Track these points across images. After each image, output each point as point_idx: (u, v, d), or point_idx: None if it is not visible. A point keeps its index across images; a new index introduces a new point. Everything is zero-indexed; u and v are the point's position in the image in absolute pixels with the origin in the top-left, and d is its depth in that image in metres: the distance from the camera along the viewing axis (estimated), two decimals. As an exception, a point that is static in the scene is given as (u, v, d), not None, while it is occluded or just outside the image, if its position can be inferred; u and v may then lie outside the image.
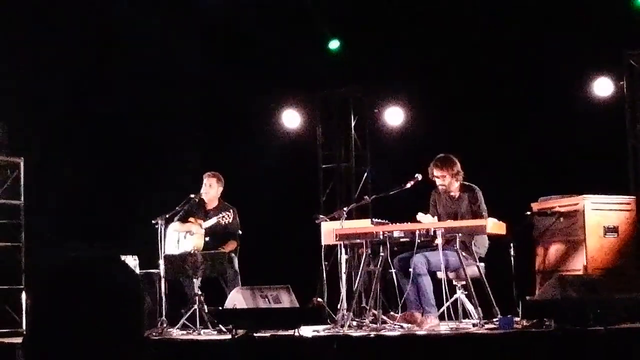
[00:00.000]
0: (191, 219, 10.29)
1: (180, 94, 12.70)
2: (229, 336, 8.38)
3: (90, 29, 11.90)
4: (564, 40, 10.80)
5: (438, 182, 9.22)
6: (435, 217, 9.27)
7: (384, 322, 8.76)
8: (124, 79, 11.98)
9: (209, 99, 13.00)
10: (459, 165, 9.23)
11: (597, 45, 10.65)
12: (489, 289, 8.67)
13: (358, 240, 9.11)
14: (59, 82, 11.63)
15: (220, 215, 9.96)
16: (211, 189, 10.45)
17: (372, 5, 12.11)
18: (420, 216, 9.12)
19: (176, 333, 9.20)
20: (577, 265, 9.45)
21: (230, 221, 9.97)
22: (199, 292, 9.42)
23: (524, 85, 11.16)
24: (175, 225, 10.27)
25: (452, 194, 9.33)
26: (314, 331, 8.52)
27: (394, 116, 12.60)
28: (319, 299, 10.02)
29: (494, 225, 8.80)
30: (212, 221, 10.07)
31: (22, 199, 11.52)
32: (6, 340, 9.71)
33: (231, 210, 10.05)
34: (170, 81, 12.39)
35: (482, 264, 8.96)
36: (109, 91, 12.04)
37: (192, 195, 10.21)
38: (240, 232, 10.34)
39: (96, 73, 12.04)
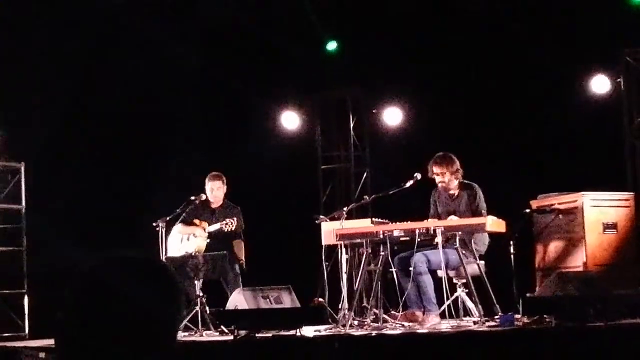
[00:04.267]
0: (196, 221, 10.30)
1: (180, 95, 12.72)
2: (230, 337, 8.41)
3: (89, 32, 11.91)
4: (562, 38, 10.83)
5: (437, 179, 9.26)
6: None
7: (385, 321, 8.79)
8: (123, 82, 12.00)
9: (208, 100, 13.01)
10: (458, 163, 9.27)
11: (595, 42, 10.68)
12: (489, 286, 8.70)
13: (358, 240, 9.14)
14: (58, 85, 11.64)
15: (225, 222, 9.96)
16: (219, 191, 10.43)
17: (369, 6, 12.13)
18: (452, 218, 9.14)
19: (178, 335, 9.20)
20: (577, 261, 9.48)
21: (234, 228, 9.98)
22: (201, 294, 9.45)
23: (522, 83, 11.18)
24: (178, 227, 10.29)
25: (451, 192, 9.37)
26: (315, 331, 8.55)
27: (392, 116, 12.63)
28: (320, 299, 10.05)
29: (494, 223, 8.82)
30: (215, 226, 10.08)
31: (24, 203, 11.55)
32: (9, 344, 9.75)
33: (234, 218, 10.02)
34: (170, 83, 12.41)
35: (482, 262, 8.99)
36: (108, 95, 12.05)
37: (193, 198, 10.22)
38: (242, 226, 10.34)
39: (96, 76, 12.06)
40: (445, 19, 11.63)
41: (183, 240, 10.32)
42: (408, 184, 9.34)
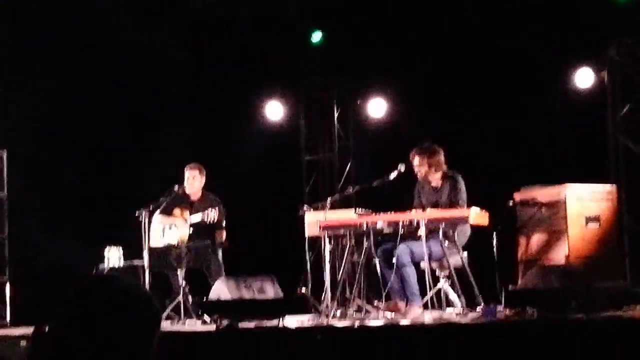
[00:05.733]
0: (176, 211, 10.28)
1: (164, 86, 12.68)
2: (213, 327, 8.41)
3: (75, 24, 11.87)
4: (546, 31, 10.85)
5: (415, 169, 9.29)
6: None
7: (368, 312, 8.82)
8: (107, 72, 11.96)
9: (192, 91, 12.99)
10: (440, 156, 9.29)
11: (578, 35, 10.71)
12: (472, 278, 8.72)
13: (342, 231, 9.15)
14: (43, 74, 11.60)
15: (206, 213, 9.94)
16: (195, 181, 10.42)
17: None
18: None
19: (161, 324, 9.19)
20: (559, 254, 9.50)
21: (215, 220, 9.97)
22: (184, 284, 9.45)
23: (506, 75, 11.19)
24: (159, 218, 10.25)
25: (433, 184, 9.39)
26: (298, 321, 8.56)
27: (377, 107, 12.63)
28: (303, 290, 10.05)
29: (477, 216, 8.84)
30: (197, 217, 10.06)
31: (6, 190, 11.50)
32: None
33: (216, 207, 10.01)
34: (154, 74, 12.37)
35: (465, 254, 9.01)
36: (93, 85, 12.02)
37: (176, 187, 10.19)
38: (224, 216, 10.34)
39: (81, 66, 12.00)
40: (430, 11, 11.62)
41: (165, 230, 10.29)
42: (392, 176, 9.35)
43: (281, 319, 8.27)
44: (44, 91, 11.70)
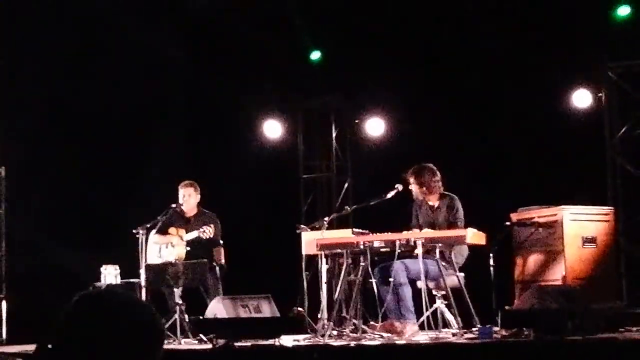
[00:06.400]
0: (171, 230, 10.28)
1: (162, 103, 12.71)
2: (209, 346, 8.40)
3: (71, 34, 11.87)
4: (545, 52, 10.88)
5: (410, 187, 9.35)
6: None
7: (364, 331, 8.80)
8: (105, 86, 11.97)
9: (190, 108, 13.01)
10: (434, 176, 9.31)
11: (577, 57, 10.74)
12: (468, 298, 8.71)
13: (339, 250, 9.15)
14: (39, 89, 11.61)
15: (202, 230, 9.95)
16: (190, 199, 10.44)
17: (353, 16, 12.15)
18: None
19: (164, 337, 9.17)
20: (556, 275, 9.50)
21: (212, 237, 9.98)
22: (180, 302, 9.44)
23: (505, 96, 11.22)
24: (154, 238, 10.26)
25: (430, 203, 9.41)
26: (294, 340, 8.55)
27: (375, 127, 12.64)
28: (300, 309, 10.04)
29: (474, 235, 8.85)
30: (193, 234, 10.07)
31: (3, 207, 11.49)
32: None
33: (212, 225, 10.02)
34: (152, 90, 12.39)
35: (462, 274, 9.01)
36: (90, 98, 12.01)
37: (174, 205, 10.21)
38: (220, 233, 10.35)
39: (77, 82, 12.01)
40: (429, 31, 11.66)
41: (162, 249, 10.30)
42: (389, 195, 9.37)
43: (277, 338, 8.27)
44: (41, 105, 11.70)
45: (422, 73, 11.77)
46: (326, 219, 9.64)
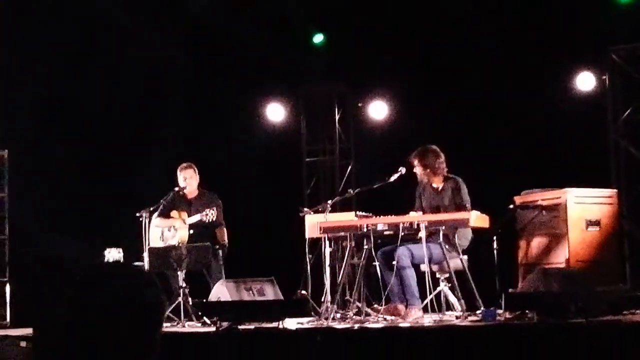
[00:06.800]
0: (173, 213, 10.28)
1: (164, 87, 12.69)
2: (213, 328, 8.41)
3: (73, 23, 11.86)
4: (548, 35, 10.86)
5: (415, 170, 9.34)
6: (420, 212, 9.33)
7: (368, 314, 8.81)
8: (107, 72, 11.96)
9: (193, 92, 12.99)
10: (439, 158, 9.28)
11: (580, 40, 10.72)
12: (472, 281, 8.72)
13: (342, 233, 9.15)
14: (43, 74, 11.60)
15: (204, 213, 9.94)
16: (192, 180, 10.44)
17: (356, 0, 12.13)
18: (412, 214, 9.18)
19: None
20: (560, 258, 9.50)
21: (214, 219, 9.97)
22: (184, 285, 9.45)
23: (508, 79, 11.19)
24: (157, 221, 10.26)
25: (434, 185, 9.40)
26: (298, 323, 8.56)
27: (378, 110, 12.63)
28: (303, 292, 10.05)
29: (477, 219, 8.85)
30: (195, 218, 10.06)
31: (7, 191, 11.50)
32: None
33: (214, 208, 10.01)
34: (154, 74, 12.38)
35: (465, 257, 9.00)
36: (93, 84, 12.00)
37: (177, 189, 10.23)
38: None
39: (80, 66, 11.99)
40: (432, 13, 11.63)
41: (164, 233, 10.30)
42: (392, 178, 9.36)
43: (281, 321, 8.28)
44: (44, 89, 11.68)
45: (425, 56, 11.74)
46: (329, 202, 9.63)
